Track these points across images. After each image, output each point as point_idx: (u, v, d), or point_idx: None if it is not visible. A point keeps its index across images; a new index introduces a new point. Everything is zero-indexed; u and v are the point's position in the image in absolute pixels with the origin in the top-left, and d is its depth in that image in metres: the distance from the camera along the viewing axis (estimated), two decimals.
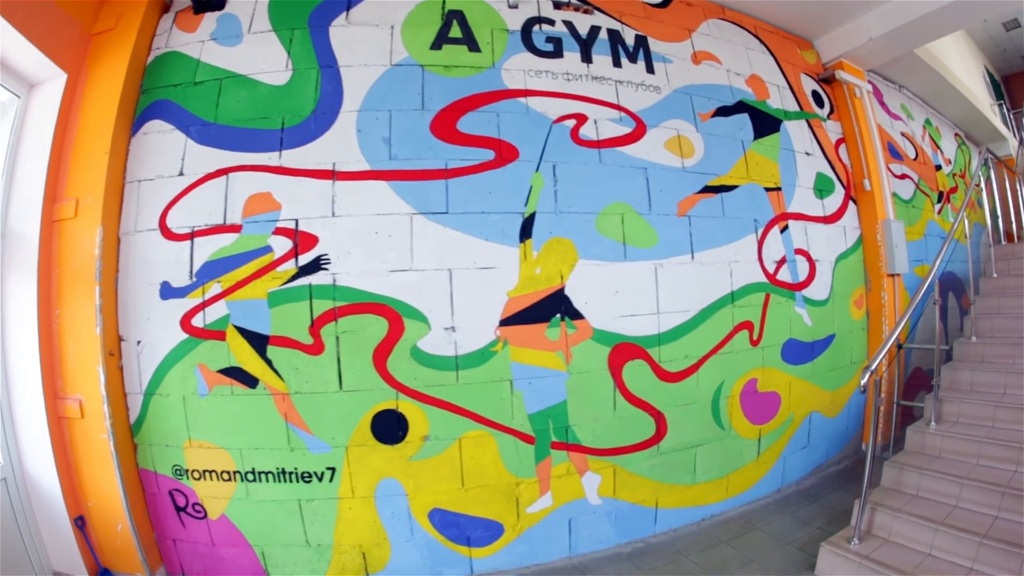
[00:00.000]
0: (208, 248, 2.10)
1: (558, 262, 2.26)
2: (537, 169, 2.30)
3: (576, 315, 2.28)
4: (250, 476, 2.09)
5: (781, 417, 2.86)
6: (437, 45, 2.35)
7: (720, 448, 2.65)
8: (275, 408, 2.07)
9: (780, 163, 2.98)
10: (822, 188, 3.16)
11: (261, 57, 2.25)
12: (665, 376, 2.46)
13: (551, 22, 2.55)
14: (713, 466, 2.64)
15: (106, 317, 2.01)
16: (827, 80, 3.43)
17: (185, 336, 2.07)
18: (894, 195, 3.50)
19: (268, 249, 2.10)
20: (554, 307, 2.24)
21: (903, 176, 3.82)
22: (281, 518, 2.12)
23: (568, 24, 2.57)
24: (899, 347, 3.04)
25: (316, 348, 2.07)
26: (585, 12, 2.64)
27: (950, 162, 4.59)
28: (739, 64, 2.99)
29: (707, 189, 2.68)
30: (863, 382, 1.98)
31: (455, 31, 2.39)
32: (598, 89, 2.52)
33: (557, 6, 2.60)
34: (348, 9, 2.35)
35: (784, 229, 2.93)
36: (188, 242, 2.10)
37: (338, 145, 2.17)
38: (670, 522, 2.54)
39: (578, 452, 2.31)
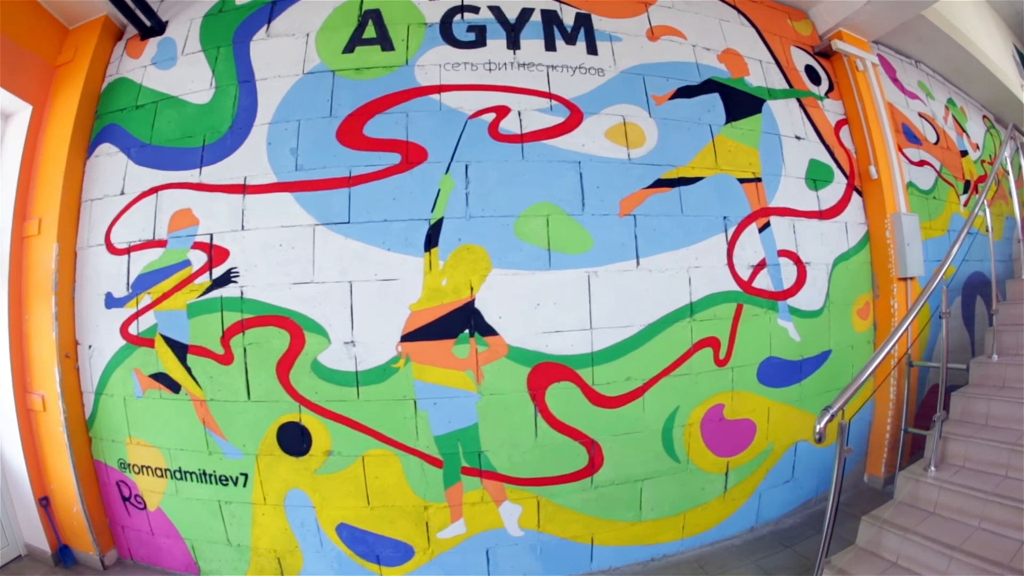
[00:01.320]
0: (141, 262, 2.25)
1: (467, 272, 2.09)
2: (447, 171, 2.14)
3: (488, 331, 2.08)
4: (178, 474, 2.23)
5: (756, 448, 2.41)
6: (350, 48, 2.27)
7: (674, 482, 2.30)
8: (195, 413, 2.18)
9: (761, 150, 2.48)
10: (817, 178, 2.59)
11: (190, 78, 2.35)
12: (600, 401, 2.17)
13: (475, 10, 2.34)
14: (664, 502, 2.30)
15: (62, 323, 2.25)
16: (824, 54, 2.83)
17: (124, 343, 2.25)
18: (909, 184, 2.82)
19: (187, 263, 2.19)
20: (462, 322, 2.07)
21: (921, 163, 3.09)
22: (205, 516, 2.23)
23: (494, 9, 2.35)
24: (909, 364, 2.48)
25: (227, 358, 2.13)
26: None
27: (978, 147, 3.72)
28: (710, 38, 2.54)
29: (660, 183, 2.31)
30: (819, 428, 1.54)
31: (369, 32, 2.29)
32: (525, 77, 2.27)
33: None
34: (269, 22, 2.36)
35: (764, 227, 2.43)
36: (126, 256, 2.27)
37: (250, 159, 2.20)
38: (610, 560, 2.27)
39: (493, 480, 2.13)
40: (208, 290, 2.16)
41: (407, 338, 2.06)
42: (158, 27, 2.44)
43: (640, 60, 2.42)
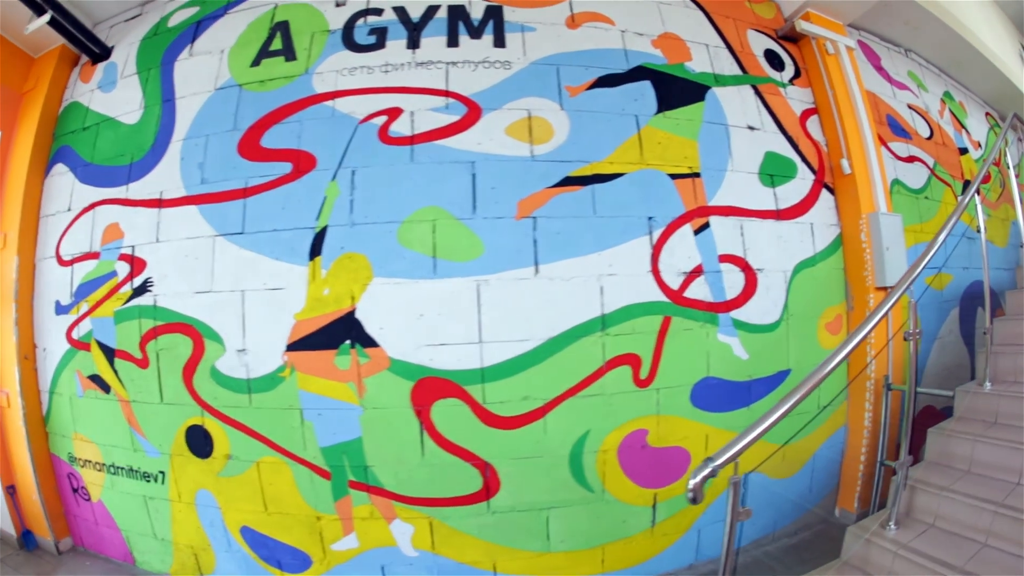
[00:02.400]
0: (81, 272, 2.44)
1: (349, 281, 2.03)
2: (334, 177, 2.09)
3: (369, 342, 2.01)
4: (112, 469, 2.40)
5: None
6: (257, 61, 2.30)
7: (587, 513, 2.09)
8: (122, 412, 2.33)
9: (701, 141, 2.17)
10: (774, 173, 2.22)
11: (125, 99, 2.50)
12: (493, 421, 2.02)
13: (378, 12, 2.26)
14: (577, 533, 2.10)
15: (22, 328, 2.50)
16: (791, 38, 2.43)
17: (69, 346, 2.46)
18: (895, 182, 2.37)
19: (115, 273, 2.34)
20: (343, 332, 2.02)
21: (911, 159, 2.60)
22: (135, 510, 2.38)
23: (398, 10, 2.26)
24: (888, 388, 2.06)
25: (144, 363, 2.25)
26: None
27: (980, 145, 3.17)
28: (644, 23, 2.27)
29: (569, 181, 2.10)
30: (692, 484, 1.21)
31: (276, 43, 2.30)
32: (422, 76, 2.16)
33: None
34: (193, 41, 2.46)
35: (702, 229, 2.13)
36: (70, 268, 2.48)
37: (166, 174, 2.29)
38: None
39: (381, 496, 2.06)
40: (130, 298, 2.29)
41: (292, 347, 2.05)
42: (105, 52, 2.63)
43: (556, 50, 2.21)
